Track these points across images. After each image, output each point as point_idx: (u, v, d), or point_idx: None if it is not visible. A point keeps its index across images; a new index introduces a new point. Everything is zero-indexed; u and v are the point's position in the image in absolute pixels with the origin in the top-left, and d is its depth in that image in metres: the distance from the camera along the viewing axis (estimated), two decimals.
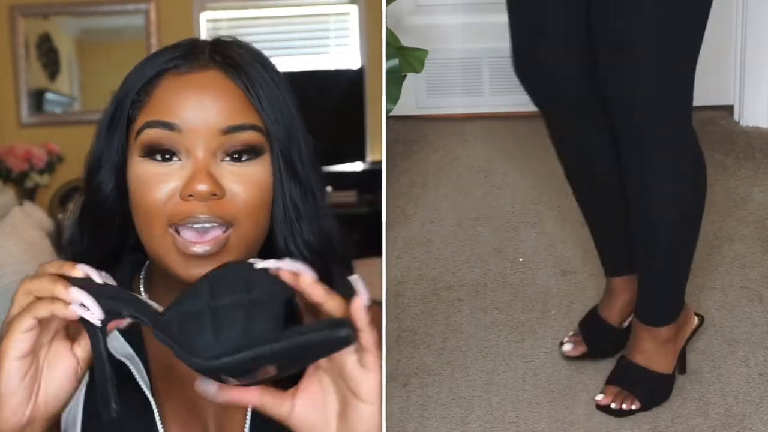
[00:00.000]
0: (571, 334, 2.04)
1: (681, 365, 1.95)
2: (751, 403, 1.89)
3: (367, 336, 0.89)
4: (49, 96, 3.43)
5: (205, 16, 3.34)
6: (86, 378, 1.04)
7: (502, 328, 2.14)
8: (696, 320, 1.96)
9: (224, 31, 3.35)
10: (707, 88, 2.97)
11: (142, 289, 1.09)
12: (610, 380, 1.92)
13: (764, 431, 1.83)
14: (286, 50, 3.40)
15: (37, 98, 3.40)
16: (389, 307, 2.20)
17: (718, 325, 2.09)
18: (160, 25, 3.24)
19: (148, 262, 1.10)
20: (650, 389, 1.89)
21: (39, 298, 0.91)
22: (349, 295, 0.91)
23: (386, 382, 1.17)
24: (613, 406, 1.88)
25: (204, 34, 3.29)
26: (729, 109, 2.95)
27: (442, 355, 2.07)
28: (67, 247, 1.10)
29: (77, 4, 3.41)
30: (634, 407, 1.88)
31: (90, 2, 3.40)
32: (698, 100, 2.95)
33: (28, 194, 3.03)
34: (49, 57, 3.40)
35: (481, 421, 1.90)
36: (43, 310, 0.90)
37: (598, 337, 2.00)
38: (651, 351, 1.88)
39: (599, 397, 1.90)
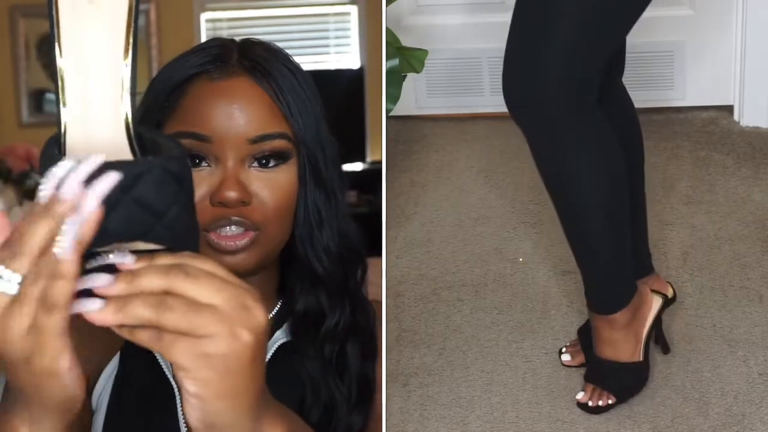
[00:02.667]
0: (569, 344, 2.03)
1: (663, 345, 1.95)
2: (751, 403, 1.89)
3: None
4: (49, 96, 3.43)
5: (204, 16, 3.33)
6: (115, 368, 1.07)
7: (502, 328, 2.14)
8: (657, 299, 1.92)
9: (224, 32, 3.36)
10: (707, 88, 2.98)
11: None
12: (586, 377, 1.92)
13: (764, 431, 1.83)
14: (286, 50, 3.40)
15: (37, 98, 3.39)
16: (389, 307, 2.20)
17: (718, 325, 2.09)
18: (160, 25, 3.24)
19: None
20: (621, 381, 1.88)
21: None
22: None
23: (386, 382, 1.16)
24: (590, 404, 1.88)
25: (204, 34, 3.28)
26: (729, 109, 2.95)
27: (442, 355, 2.07)
28: None
29: None
30: (610, 402, 1.87)
31: None
32: (698, 100, 2.99)
33: (28, 194, 3.03)
34: (49, 57, 3.41)
35: (481, 421, 1.89)
36: None
37: None
38: (612, 340, 1.87)
39: (579, 395, 1.90)
